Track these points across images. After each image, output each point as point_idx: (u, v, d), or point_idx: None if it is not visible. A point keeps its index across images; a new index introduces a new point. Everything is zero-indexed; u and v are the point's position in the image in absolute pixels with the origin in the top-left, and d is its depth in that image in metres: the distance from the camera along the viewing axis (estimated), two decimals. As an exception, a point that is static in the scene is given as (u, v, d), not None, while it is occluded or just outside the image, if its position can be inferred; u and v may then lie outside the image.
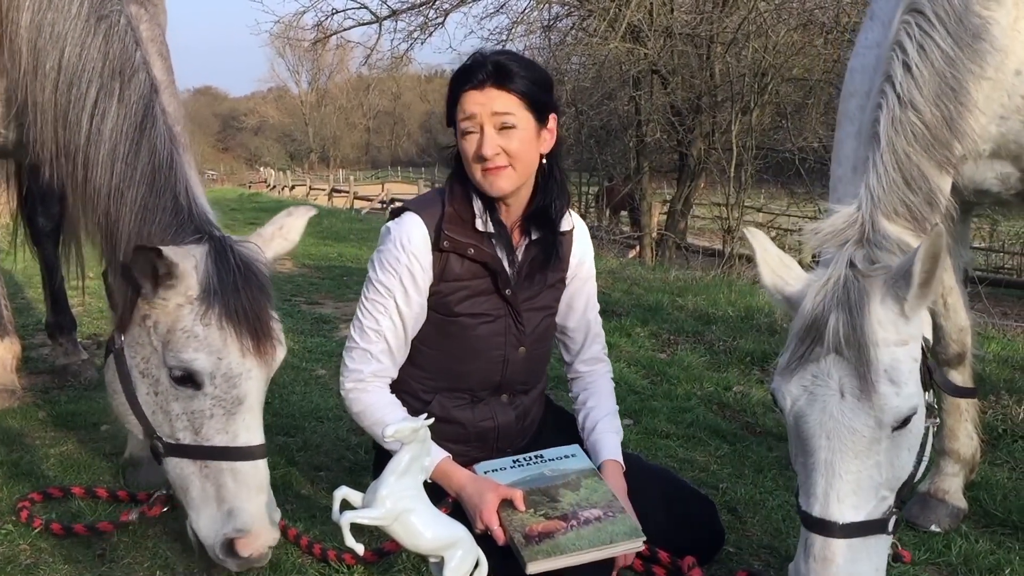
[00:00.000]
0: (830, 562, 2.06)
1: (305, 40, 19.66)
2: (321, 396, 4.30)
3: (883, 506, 2.11)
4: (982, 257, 16.35)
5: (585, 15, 14.82)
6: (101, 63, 2.58)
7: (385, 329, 2.50)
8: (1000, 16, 2.31)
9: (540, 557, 2.19)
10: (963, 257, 3.01)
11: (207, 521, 2.35)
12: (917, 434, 2.12)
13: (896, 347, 2.07)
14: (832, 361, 2.08)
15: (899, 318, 2.08)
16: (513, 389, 2.64)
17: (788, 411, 2.14)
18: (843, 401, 2.07)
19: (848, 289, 2.10)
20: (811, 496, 2.09)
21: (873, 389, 2.03)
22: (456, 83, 2.47)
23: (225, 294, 2.32)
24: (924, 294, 2.07)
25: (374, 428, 2.46)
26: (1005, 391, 4.32)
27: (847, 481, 2.07)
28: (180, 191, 2.53)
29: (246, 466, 2.33)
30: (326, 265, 9.27)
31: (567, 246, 2.66)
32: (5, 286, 4.42)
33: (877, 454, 2.07)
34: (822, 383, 2.10)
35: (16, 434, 3.74)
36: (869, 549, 2.09)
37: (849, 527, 2.06)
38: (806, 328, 2.13)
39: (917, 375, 2.09)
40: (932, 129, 2.26)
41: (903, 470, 2.12)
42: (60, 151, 2.57)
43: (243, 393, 2.34)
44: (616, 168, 17.13)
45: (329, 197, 33.05)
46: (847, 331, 2.06)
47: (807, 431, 2.11)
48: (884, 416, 2.04)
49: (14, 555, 2.70)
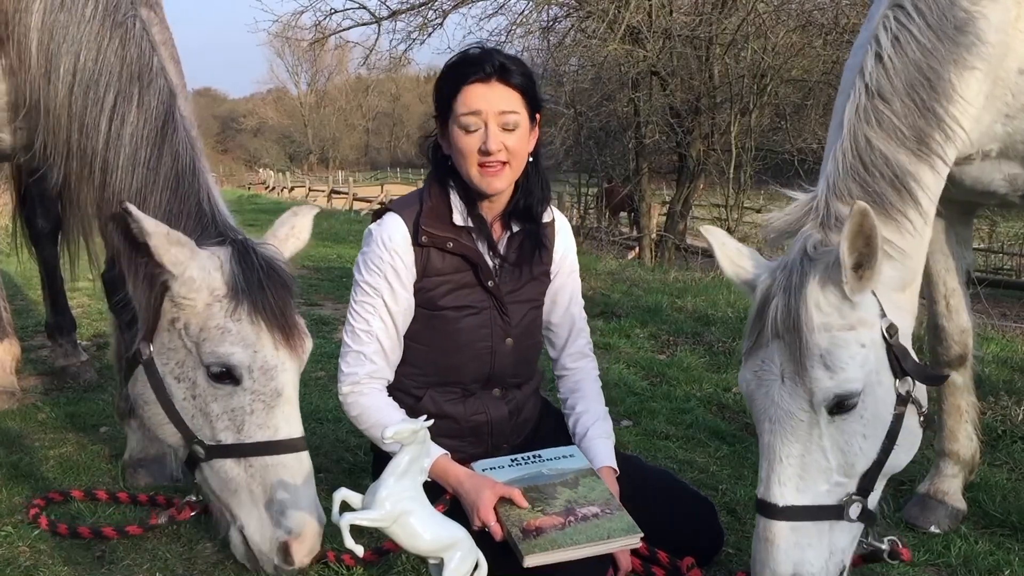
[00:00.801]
0: (771, 543, 2.08)
1: (304, 40, 19.64)
2: (320, 398, 4.30)
3: (838, 492, 2.10)
4: (981, 258, 16.36)
5: (584, 17, 14.81)
6: (119, 67, 2.59)
7: (376, 329, 2.51)
8: (991, 11, 2.29)
9: (537, 551, 2.19)
10: (965, 259, 3.00)
11: (257, 524, 2.37)
12: (874, 421, 2.10)
13: (840, 332, 2.05)
14: (776, 347, 2.10)
15: (843, 302, 2.06)
16: (504, 383, 2.65)
17: (745, 397, 2.17)
18: (783, 386, 2.09)
19: (792, 273, 2.10)
20: (759, 479, 2.13)
21: (805, 372, 2.03)
22: (459, 74, 2.43)
23: (251, 291, 2.37)
24: (863, 276, 2.04)
25: (373, 430, 2.47)
26: (1004, 392, 4.32)
27: (789, 465, 2.08)
28: (203, 197, 2.58)
29: (290, 459, 2.38)
30: (325, 266, 9.27)
31: (549, 239, 2.67)
32: (4, 288, 4.42)
33: (819, 438, 2.07)
34: (767, 368, 2.12)
35: (16, 436, 3.74)
36: (821, 535, 2.09)
37: (792, 510, 2.07)
38: (757, 314, 2.15)
39: (866, 361, 2.06)
40: (902, 117, 2.23)
41: (859, 457, 2.10)
42: (74, 155, 2.58)
43: (280, 385, 2.39)
44: (615, 169, 17.13)
45: (328, 198, 33.05)
46: (784, 315, 2.07)
47: (755, 416, 2.15)
48: (814, 399, 2.04)
49: (13, 556, 2.70)
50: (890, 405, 2.11)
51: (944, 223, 2.91)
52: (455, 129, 2.43)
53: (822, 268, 2.08)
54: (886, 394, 2.11)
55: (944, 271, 2.95)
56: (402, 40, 15.68)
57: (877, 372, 2.09)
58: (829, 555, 2.10)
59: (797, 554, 2.07)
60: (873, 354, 2.08)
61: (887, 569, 2.70)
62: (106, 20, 2.60)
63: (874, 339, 2.09)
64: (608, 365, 5.06)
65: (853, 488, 2.11)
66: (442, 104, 2.47)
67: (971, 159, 2.51)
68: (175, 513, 2.72)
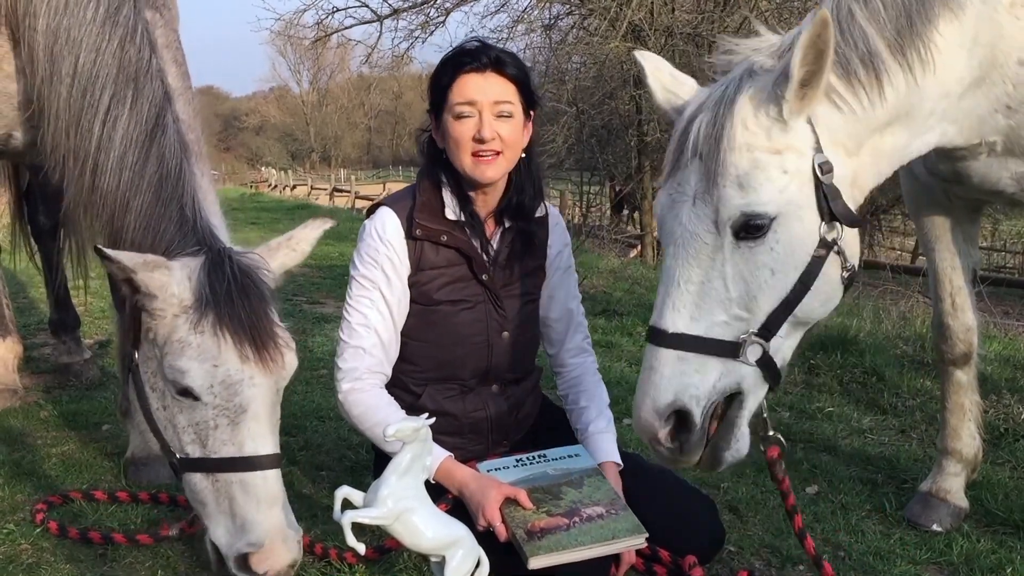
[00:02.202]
0: (654, 371, 1.99)
1: (306, 38, 19.61)
2: (322, 396, 4.30)
3: (737, 328, 2.00)
4: (984, 256, 16.31)
5: (586, 14, 14.79)
6: (116, 69, 2.58)
7: (374, 322, 2.50)
8: None
9: (542, 553, 2.18)
10: (972, 257, 2.97)
11: (223, 532, 2.32)
12: (786, 257, 1.98)
13: (763, 153, 1.95)
14: (694, 166, 2.01)
15: (775, 123, 1.96)
16: (503, 378, 2.64)
17: (656, 224, 2.06)
18: (693, 207, 1.99)
19: (726, 88, 2.00)
20: (655, 307, 2.02)
21: (716, 189, 1.94)
22: (455, 64, 2.45)
23: (218, 303, 2.30)
24: (806, 96, 1.94)
25: (375, 430, 2.43)
26: (1007, 391, 4.32)
27: (686, 291, 1.99)
28: (187, 202, 2.54)
29: (255, 477, 2.29)
30: (327, 264, 9.27)
31: (543, 234, 2.68)
32: (7, 285, 4.43)
33: (722, 264, 1.97)
34: (681, 190, 2.03)
35: (18, 434, 3.75)
36: (711, 369, 1.98)
37: (682, 338, 1.97)
38: (680, 134, 2.05)
39: (785, 188, 1.95)
40: (888, 9, 2.09)
41: (763, 291, 1.98)
42: (70, 155, 2.58)
43: (245, 401, 2.30)
44: (617, 167, 17.11)
45: (331, 197, 33.06)
46: (707, 131, 1.97)
47: (663, 241, 2.04)
48: (719, 216, 1.94)
49: (15, 554, 2.70)
50: (808, 245, 1.99)
51: (950, 221, 2.89)
52: (450, 119, 2.44)
53: (760, 84, 1.97)
54: (805, 232, 1.99)
55: (950, 269, 2.93)
56: (404, 38, 15.65)
57: (799, 206, 1.97)
58: (715, 382, 1.99)
59: (682, 382, 1.97)
60: (796, 184, 1.97)
61: (890, 567, 2.71)
62: (107, 22, 2.60)
63: (801, 169, 1.97)
64: (610, 363, 5.06)
65: (755, 327, 2.00)
66: (438, 95, 2.48)
67: (977, 153, 2.48)
68: (186, 527, 2.73)
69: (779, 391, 4.60)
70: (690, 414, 2.00)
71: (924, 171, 2.77)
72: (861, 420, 4.13)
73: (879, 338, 5.52)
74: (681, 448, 2.05)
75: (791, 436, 3.92)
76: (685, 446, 2.04)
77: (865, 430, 4.01)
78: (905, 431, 4.00)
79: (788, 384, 4.77)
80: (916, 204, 2.97)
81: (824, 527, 3.00)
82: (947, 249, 2.92)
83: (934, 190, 2.84)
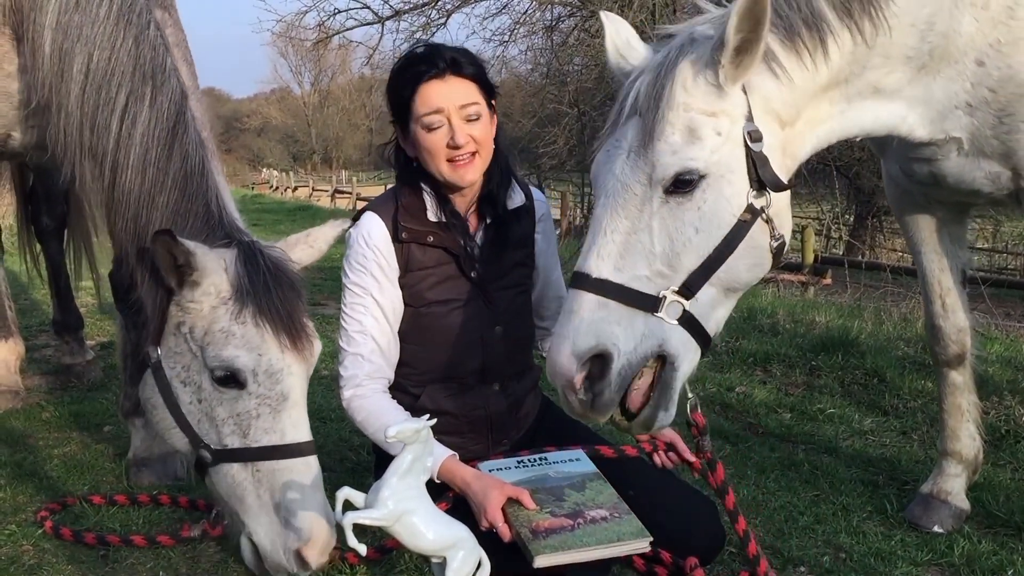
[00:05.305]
0: (575, 313, 2.02)
1: (307, 40, 19.63)
2: (324, 397, 4.31)
3: (658, 283, 2.03)
4: (985, 258, 16.31)
5: (587, 16, 14.79)
6: (131, 67, 2.59)
7: (369, 328, 2.52)
8: None
9: (547, 551, 2.18)
10: (960, 258, 2.99)
11: (266, 531, 2.34)
12: (712, 217, 2.03)
13: (699, 115, 2.01)
14: (633, 123, 2.07)
15: (712, 88, 2.02)
16: (500, 375, 2.65)
17: (591, 180, 2.12)
18: (627, 160, 2.05)
19: (669, 52, 2.07)
20: (580, 254, 2.07)
21: (651, 143, 2.00)
22: (412, 74, 2.45)
23: (257, 294, 2.35)
24: (742, 63, 1.99)
25: (377, 434, 2.44)
26: (1008, 392, 4.32)
27: (612, 241, 2.03)
28: (211, 197, 2.57)
29: (298, 463, 2.35)
30: (329, 266, 9.24)
31: (528, 224, 2.69)
32: (10, 287, 4.43)
33: (649, 218, 2.02)
34: (618, 145, 2.09)
35: (20, 435, 3.75)
36: (633, 319, 2.01)
37: (605, 284, 2.01)
38: (624, 94, 2.11)
39: (717, 149, 2.01)
40: None
41: (686, 249, 2.02)
42: (85, 154, 2.58)
43: (287, 389, 2.37)
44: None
45: (332, 198, 33.06)
46: (648, 91, 2.03)
47: (595, 193, 2.10)
48: (654, 173, 2.00)
49: (17, 555, 2.71)
50: (735, 208, 2.04)
51: (935, 223, 2.91)
52: (418, 130, 2.45)
53: (700, 50, 2.04)
54: (733, 195, 2.04)
55: (939, 271, 2.94)
56: (405, 40, 15.62)
57: (728, 169, 2.03)
58: (640, 341, 2.02)
59: (603, 328, 2.00)
60: (728, 148, 2.03)
61: (891, 569, 2.71)
62: (120, 20, 2.60)
63: (733, 133, 2.03)
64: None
65: (675, 284, 2.04)
66: (400, 107, 2.49)
67: (948, 152, 2.49)
68: (208, 528, 2.73)
69: (779, 391, 4.61)
70: (610, 359, 2.02)
71: (903, 176, 2.79)
72: (862, 421, 4.13)
73: (880, 339, 5.52)
74: (593, 401, 2.06)
75: (792, 437, 3.93)
76: (598, 399, 2.06)
77: (866, 431, 4.01)
78: (906, 432, 3.99)
79: (789, 385, 4.77)
80: (900, 208, 2.99)
81: (825, 528, 3.00)
82: (934, 251, 2.93)
83: (914, 195, 2.86)
